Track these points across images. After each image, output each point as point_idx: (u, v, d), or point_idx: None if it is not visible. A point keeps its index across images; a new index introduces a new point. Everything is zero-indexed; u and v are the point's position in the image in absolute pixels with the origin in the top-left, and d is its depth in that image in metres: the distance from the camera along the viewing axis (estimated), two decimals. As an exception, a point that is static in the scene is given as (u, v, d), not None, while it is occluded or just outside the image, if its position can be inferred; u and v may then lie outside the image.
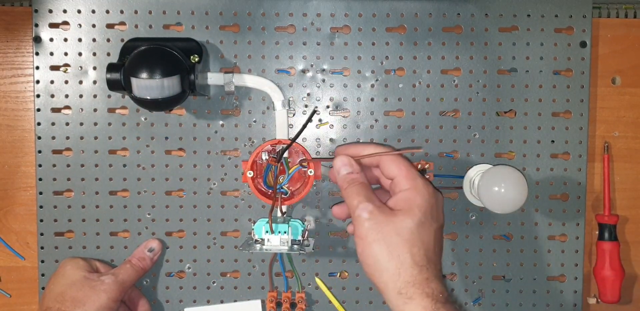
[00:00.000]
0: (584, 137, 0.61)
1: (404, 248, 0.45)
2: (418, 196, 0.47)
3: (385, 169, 0.49)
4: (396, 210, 0.47)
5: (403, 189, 0.48)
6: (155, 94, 0.52)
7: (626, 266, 0.62)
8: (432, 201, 0.48)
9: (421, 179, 0.48)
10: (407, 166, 0.49)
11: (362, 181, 0.49)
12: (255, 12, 0.60)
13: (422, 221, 0.46)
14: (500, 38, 0.60)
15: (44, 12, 0.59)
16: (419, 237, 0.45)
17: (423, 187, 0.48)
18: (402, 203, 0.47)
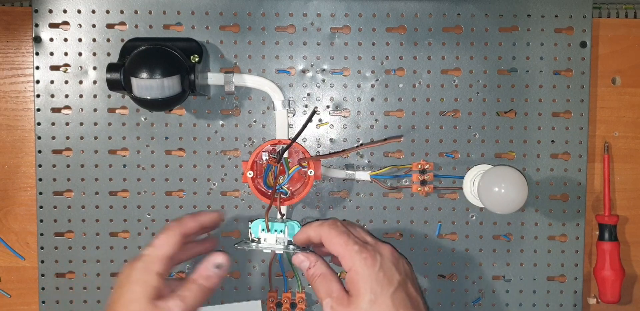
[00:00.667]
0: (584, 137, 0.61)
1: None
2: (358, 276, 0.47)
3: (328, 247, 0.50)
4: (350, 296, 0.48)
5: (347, 270, 0.48)
6: (155, 94, 0.52)
7: (626, 266, 0.62)
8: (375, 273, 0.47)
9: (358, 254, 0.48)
10: (343, 242, 0.49)
11: (321, 272, 0.50)
12: (255, 12, 0.60)
13: (372, 300, 0.46)
14: (500, 38, 0.60)
15: (44, 12, 0.59)
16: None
17: (360, 263, 0.48)
18: (350, 285, 0.48)
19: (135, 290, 0.48)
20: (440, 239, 0.61)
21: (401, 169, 0.60)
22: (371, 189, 0.61)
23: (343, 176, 0.60)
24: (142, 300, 0.48)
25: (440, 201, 0.61)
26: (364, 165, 0.60)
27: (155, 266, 0.49)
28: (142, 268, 0.49)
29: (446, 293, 0.61)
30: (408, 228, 0.61)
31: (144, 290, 0.48)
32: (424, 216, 0.61)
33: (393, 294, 0.47)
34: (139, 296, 0.48)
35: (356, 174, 0.59)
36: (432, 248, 0.61)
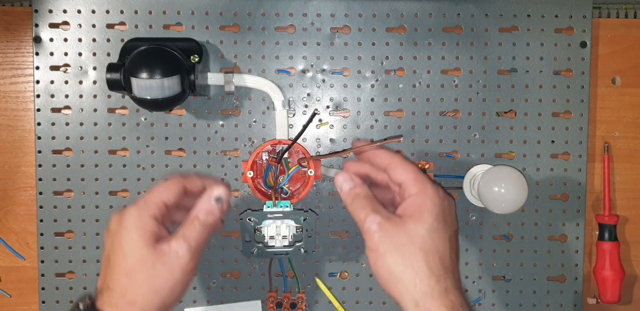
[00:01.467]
0: (584, 137, 0.61)
1: (418, 257, 0.43)
2: (427, 200, 0.45)
3: (392, 175, 0.48)
4: (405, 217, 0.45)
5: (412, 194, 0.46)
6: (155, 94, 0.52)
7: (626, 267, 0.62)
8: (443, 205, 0.46)
9: (430, 182, 0.46)
10: (415, 170, 0.47)
11: (365, 193, 0.47)
12: (255, 12, 0.60)
13: (434, 227, 0.44)
14: (500, 38, 0.60)
15: (44, 12, 0.59)
16: (432, 244, 0.44)
17: (432, 191, 0.46)
18: (411, 209, 0.45)
19: (132, 237, 0.45)
20: (440, 239, 0.61)
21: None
22: (371, 189, 0.61)
23: (343, 176, 0.59)
24: (142, 246, 0.44)
25: (440, 201, 0.61)
26: (364, 165, 0.60)
27: (150, 210, 0.46)
28: (136, 213, 0.46)
29: (446, 293, 0.61)
30: (408, 228, 0.61)
31: (142, 236, 0.45)
32: (424, 216, 0.61)
33: (451, 236, 0.45)
34: (137, 244, 0.45)
35: (356, 174, 0.59)
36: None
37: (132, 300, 0.44)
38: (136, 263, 0.44)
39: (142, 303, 0.44)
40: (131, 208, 0.46)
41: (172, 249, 0.45)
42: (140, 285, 0.44)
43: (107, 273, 0.45)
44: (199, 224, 0.47)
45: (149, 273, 0.44)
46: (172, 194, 0.47)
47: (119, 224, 0.46)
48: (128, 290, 0.44)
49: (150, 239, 0.45)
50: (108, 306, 0.44)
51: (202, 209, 0.47)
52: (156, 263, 0.44)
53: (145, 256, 0.44)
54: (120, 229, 0.46)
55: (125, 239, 0.45)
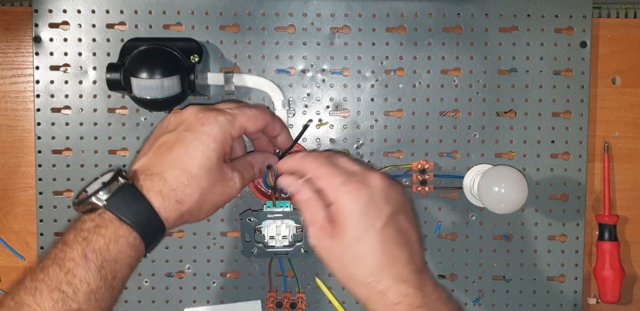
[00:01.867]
0: (584, 137, 0.61)
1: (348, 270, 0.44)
2: (341, 211, 0.44)
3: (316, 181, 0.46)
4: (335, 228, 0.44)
5: (331, 203, 0.45)
6: (155, 94, 0.52)
7: (626, 266, 0.62)
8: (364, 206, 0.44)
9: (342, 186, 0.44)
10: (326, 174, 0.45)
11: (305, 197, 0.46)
12: (255, 12, 0.60)
13: (356, 236, 0.43)
14: (501, 38, 0.60)
15: (44, 12, 0.59)
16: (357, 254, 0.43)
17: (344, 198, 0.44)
18: (335, 219, 0.44)
19: (211, 145, 0.44)
20: (440, 239, 0.61)
21: (401, 169, 0.60)
22: (371, 189, 0.60)
23: (343, 176, 0.59)
24: (214, 158, 0.44)
25: (440, 201, 0.61)
26: (364, 165, 0.60)
27: (234, 129, 0.46)
28: (222, 125, 0.45)
29: (446, 293, 0.61)
30: (408, 228, 0.61)
31: (219, 148, 0.44)
32: (424, 216, 0.61)
33: (381, 230, 0.43)
34: (212, 153, 0.44)
35: (356, 174, 0.59)
36: (432, 248, 0.61)
37: (181, 200, 0.43)
38: (203, 170, 0.44)
39: (186, 207, 0.44)
40: (219, 116, 0.45)
41: (232, 176, 0.46)
42: (195, 190, 0.44)
43: (162, 161, 0.44)
44: (252, 172, 0.49)
45: (208, 186, 0.44)
46: (257, 126, 0.48)
47: (202, 124, 0.45)
48: (182, 190, 0.43)
49: (222, 156, 0.45)
50: (156, 193, 0.43)
51: (259, 163, 0.50)
52: (217, 181, 0.45)
53: (214, 170, 0.44)
54: (200, 131, 0.45)
55: (204, 142, 0.44)
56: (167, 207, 0.43)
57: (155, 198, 0.43)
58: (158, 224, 0.43)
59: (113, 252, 0.40)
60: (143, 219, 0.42)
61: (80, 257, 0.40)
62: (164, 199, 0.43)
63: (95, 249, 0.40)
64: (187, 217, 0.44)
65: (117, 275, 0.41)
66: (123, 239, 0.41)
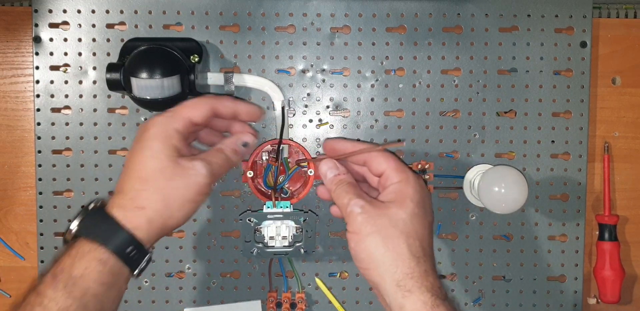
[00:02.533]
0: (584, 137, 0.61)
1: (400, 239, 0.44)
2: (409, 187, 0.46)
3: (373, 165, 0.49)
4: (388, 203, 0.46)
5: (394, 182, 0.47)
6: (155, 94, 0.52)
7: (626, 266, 0.62)
8: (423, 193, 0.47)
9: (411, 172, 0.48)
10: (396, 159, 0.49)
11: (349, 180, 0.49)
12: (255, 12, 0.60)
13: (415, 213, 0.45)
14: (501, 38, 0.60)
15: (44, 12, 0.59)
16: (413, 228, 0.45)
17: (414, 179, 0.47)
18: (394, 195, 0.46)
19: (154, 146, 0.45)
20: (440, 239, 0.61)
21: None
22: (371, 189, 0.61)
23: (343, 176, 0.59)
24: (162, 156, 0.45)
25: (440, 201, 0.61)
26: (364, 165, 0.60)
27: (176, 123, 0.46)
28: (161, 123, 0.46)
29: (446, 293, 0.61)
30: (408, 228, 0.61)
31: (164, 146, 0.45)
32: (424, 216, 0.61)
33: (430, 222, 0.47)
34: (158, 153, 0.45)
35: (356, 174, 0.59)
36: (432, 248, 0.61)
37: (141, 205, 0.44)
38: (154, 170, 0.44)
39: (151, 210, 0.44)
40: (158, 117, 0.46)
41: (192, 165, 0.45)
42: (152, 192, 0.44)
43: (122, 178, 0.46)
44: (223, 157, 0.48)
45: (165, 183, 0.44)
46: (200, 112, 0.48)
47: (144, 131, 0.46)
48: (139, 195, 0.44)
49: (172, 152, 0.45)
50: (117, 207, 0.44)
51: (228, 147, 0.49)
52: (174, 175, 0.45)
53: (165, 166, 0.45)
54: (144, 136, 0.46)
55: (147, 146, 0.45)
56: (130, 217, 0.44)
57: (118, 212, 0.44)
58: (125, 236, 0.43)
59: (79, 268, 0.41)
60: (107, 234, 0.43)
61: (50, 278, 0.41)
62: (125, 210, 0.44)
63: (62, 268, 0.42)
64: (159, 220, 0.44)
65: (87, 291, 0.41)
66: (88, 255, 0.42)
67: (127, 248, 0.43)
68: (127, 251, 0.43)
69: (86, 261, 0.42)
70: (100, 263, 0.42)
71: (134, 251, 0.43)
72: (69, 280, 0.41)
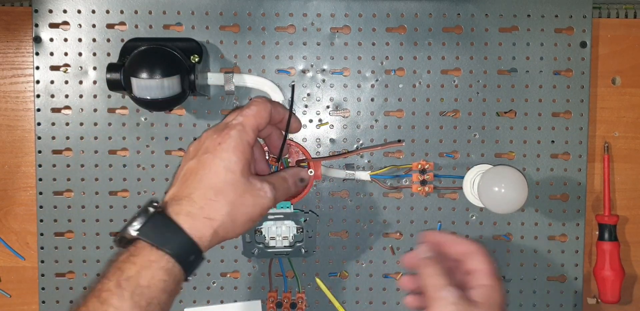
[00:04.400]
0: (584, 137, 0.61)
1: None
2: (497, 294, 0.45)
3: (471, 261, 0.47)
4: (478, 303, 0.45)
5: (484, 284, 0.46)
6: (155, 94, 0.52)
7: (626, 267, 0.62)
8: (503, 302, 0.46)
9: (498, 279, 0.47)
10: (491, 263, 0.47)
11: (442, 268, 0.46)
12: (255, 12, 0.60)
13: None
14: (500, 38, 0.60)
15: (44, 12, 0.59)
16: None
17: (499, 287, 0.46)
18: (483, 297, 0.45)
19: (231, 159, 0.45)
20: (440, 239, 0.61)
21: (401, 169, 0.60)
22: (371, 189, 0.61)
23: (343, 176, 0.60)
24: (237, 170, 0.45)
25: (440, 201, 0.61)
26: (364, 165, 0.60)
27: (249, 136, 0.46)
28: (238, 137, 0.45)
29: (446, 293, 0.61)
30: (408, 228, 0.61)
31: (239, 160, 0.45)
32: (424, 216, 0.61)
33: None
34: (234, 166, 0.44)
35: (356, 174, 0.59)
36: (432, 248, 0.61)
37: (210, 216, 0.44)
38: (228, 183, 0.44)
39: (218, 222, 0.44)
40: (232, 131, 0.46)
41: (262, 187, 0.46)
42: (223, 204, 0.44)
43: (188, 185, 0.45)
44: (286, 185, 0.49)
45: (236, 198, 0.44)
46: (264, 120, 0.48)
47: (218, 143, 0.46)
48: (210, 206, 0.44)
49: (246, 167, 0.45)
50: (184, 215, 0.43)
51: (292, 177, 0.50)
52: (245, 192, 0.45)
53: (239, 181, 0.45)
54: (219, 149, 0.45)
55: (224, 157, 0.45)
56: (198, 226, 0.43)
57: (185, 220, 0.43)
58: (190, 245, 0.43)
59: (145, 278, 0.41)
60: (174, 242, 0.42)
61: (115, 286, 0.40)
62: (193, 219, 0.43)
63: (128, 276, 0.41)
64: (222, 233, 0.44)
65: (152, 301, 0.41)
66: (155, 264, 0.41)
67: (190, 257, 0.43)
68: (189, 260, 0.43)
69: (153, 271, 0.41)
70: (167, 272, 0.42)
71: (195, 260, 0.44)
72: (135, 289, 0.40)
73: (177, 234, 0.43)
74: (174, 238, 0.42)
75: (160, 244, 0.42)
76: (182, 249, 0.42)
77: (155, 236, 0.42)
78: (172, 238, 0.42)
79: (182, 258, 0.42)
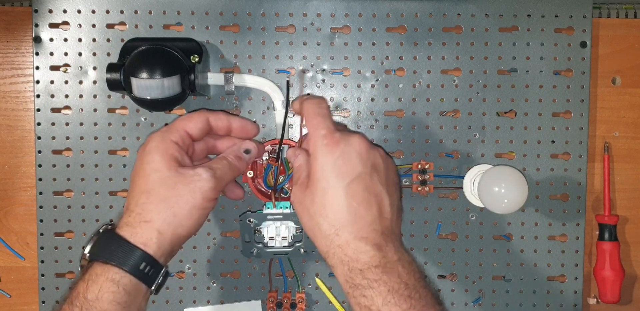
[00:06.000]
0: (584, 137, 0.61)
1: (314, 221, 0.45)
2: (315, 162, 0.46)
3: None
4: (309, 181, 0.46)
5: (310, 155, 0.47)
6: (155, 94, 0.52)
7: (626, 266, 0.62)
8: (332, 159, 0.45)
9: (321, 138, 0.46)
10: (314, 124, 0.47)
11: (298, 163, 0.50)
12: (255, 12, 0.60)
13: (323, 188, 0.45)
14: (501, 38, 0.60)
15: (44, 12, 0.59)
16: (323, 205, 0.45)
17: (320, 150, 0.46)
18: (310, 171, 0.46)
19: (154, 159, 0.46)
20: (440, 239, 0.61)
21: (401, 169, 0.60)
22: (371, 189, 0.60)
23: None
24: (163, 166, 0.45)
25: (440, 201, 0.61)
26: (364, 165, 0.60)
27: (172, 135, 0.47)
28: (158, 137, 0.47)
29: (446, 293, 0.61)
30: (408, 228, 0.61)
31: (162, 157, 0.46)
32: (424, 216, 0.61)
33: (348, 185, 0.44)
34: (158, 164, 0.46)
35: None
36: (432, 248, 0.61)
37: (148, 219, 0.44)
38: (156, 181, 0.45)
39: (158, 222, 0.44)
40: (154, 133, 0.48)
41: (194, 172, 0.46)
42: (157, 203, 0.44)
43: (129, 198, 0.46)
44: (226, 163, 0.49)
45: (169, 192, 0.45)
46: (195, 125, 0.49)
47: (143, 148, 0.47)
48: (145, 209, 0.44)
49: (172, 162, 0.46)
50: (125, 226, 0.44)
51: (230, 153, 0.50)
52: (177, 183, 0.45)
53: (166, 175, 0.45)
54: (143, 152, 0.47)
55: (147, 160, 0.46)
56: (138, 232, 0.44)
57: (125, 231, 0.44)
58: (136, 254, 0.43)
59: (93, 292, 0.42)
60: (118, 253, 0.43)
61: (67, 305, 0.42)
62: (133, 226, 0.44)
63: (77, 293, 0.42)
64: (169, 231, 0.44)
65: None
66: (101, 277, 0.42)
67: (139, 265, 0.43)
68: (140, 268, 0.43)
69: (99, 283, 0.42)
70: (114, 283, 0.42)
71: (147, 267, 0.44)
72: (84, 304, 0.41)
73: (121, 245, 0.43)
74: (118, 249, 0.43)
75: (105, 258, 0.43)
76: (127, 258, 0.43)
77: (101, 252, 0.44)
78: (116, 250, 0.43)
79: (129, 267, 0.43)
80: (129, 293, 0.43)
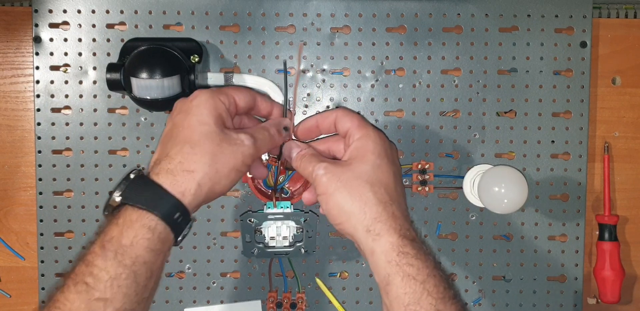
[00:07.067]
0: (584, 137, 0.61)
1: (364, 188, 0.46)
2: (369, 142, 0.48)
3: (340, 126, 0.50)
4: (351, 160, 0.48)
5: (355, 139, 0.49)
6: (155, 94, 0.52)
7: (626, 267, 0.62)
8: (385, 145, 0.49)
9: (372, 127, 0.50)
10: (359, 118, 0.50)
11: (311, 153, 0.50)
12: (255, 12, 0.60)
13: (377, 164, 0.47)
14: (501, 38, 0.60)
15: (44, 12, 0.59)
16: (377, 177, 0.46)
17: (374, 134, 0.49)
18: (355, 151, 0.48)
19: (202, 113, 0.46)
20: (440, 239, 0.61)
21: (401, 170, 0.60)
22: (371, 189, 0.60)
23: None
24: (211, 122, 0.45)
25: (440, 201, 0.61)
26: (364, 165, 0.60)
27: (222, 96, 0.47)
28: (208, 93, 0.47)
29: (446, 293, 0.61)
30: (408, 228, 0.61)
31: (211, 113, 0.46)
32: (424, 216, 0.61)
33: (395, 172, 0.48)
34: (206, 118, 0.45)
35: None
36: (432, 248, 0.61)
37: (191, 169, 0.44)
38: (203, 134, 0.45)
39: (200, 174, 0.44)
40: (203, 90, 0.48)
41: (238, 136, 0.46)
42: (202, 155, 0.44)
43: (167, 145, 0.45)
44: (268, 134, 0.49)
45: (214, 148, 0.45)
46: (245, 97, 0.50)
47: (189, 102, 0.47)
48: (188, 159, 0.44)
49: (219, 120, 0.46)
50: (165, 173, 0.44)
51: (273, 126, 0.51)
52: (222, 141, 0.45)
53: (214, 131, 0.45)
54: (190, 106, 0.46)
55: (195, 112, 0.46)
56: (179, 181, 0.43)
57: (165, 177, 0.44)
58: (173, 202, 0.43)
59: (128, 237, 0.41)
60: (154, 200, 0.42)
61: (99, 248, 0.41)
62: (173, 174, 0.44)
63: (111, 237, 0.41)
64: (207, 185, 0.44)
65: (137, 259, 0.41)
66: (137, 223, 0.42)
67: (174, 214, 0.43)
68: (174, 217, 0.43)
69: (135, 229, 0.41)
70: (149, 230, 0.42)
71: (180, 217, 0.43)
72: (118, 249, 0.41)
73: (158, 192, 0.43)
74: (154, 196, 0.43)
75: (141, 204, 0.42)
76: (163, 206, 0.43)
77: (136, 197, 0.43)
78: (152, 197, 0.43)
79: (165, 215, 0.43)
80: (161, 241, 0.43)
